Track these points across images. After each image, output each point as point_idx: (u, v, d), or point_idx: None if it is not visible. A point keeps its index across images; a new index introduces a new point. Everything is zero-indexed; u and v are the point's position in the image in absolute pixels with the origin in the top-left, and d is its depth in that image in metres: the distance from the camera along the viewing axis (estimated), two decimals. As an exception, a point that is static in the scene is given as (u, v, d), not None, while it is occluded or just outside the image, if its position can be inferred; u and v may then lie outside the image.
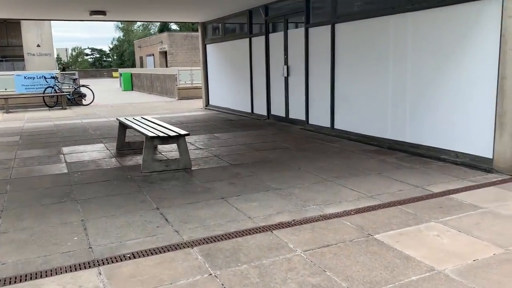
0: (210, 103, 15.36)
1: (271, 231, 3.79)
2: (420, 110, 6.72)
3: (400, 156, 6.64)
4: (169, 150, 7.43)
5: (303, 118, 9.80)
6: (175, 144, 6.24)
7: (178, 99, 19.87)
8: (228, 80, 13.76)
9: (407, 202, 4.51)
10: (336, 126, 8.71)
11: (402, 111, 7.05)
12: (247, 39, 12.07)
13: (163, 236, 3.76)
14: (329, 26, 8.60)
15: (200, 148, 7.71)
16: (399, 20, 6.94)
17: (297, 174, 5.74)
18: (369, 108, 7.78)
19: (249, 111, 12.40)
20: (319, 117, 9.21)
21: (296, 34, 9.86)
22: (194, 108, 15.65)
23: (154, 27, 63.32)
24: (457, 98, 6.08)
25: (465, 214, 4.10)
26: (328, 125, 8.89)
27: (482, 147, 5.74)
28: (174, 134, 6.02)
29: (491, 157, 5.59)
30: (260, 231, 3.80)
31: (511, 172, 5.35)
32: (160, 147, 7.61)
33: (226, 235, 3.73)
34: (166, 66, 36.09)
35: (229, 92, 13.73)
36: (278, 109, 10.98)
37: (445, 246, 3.42)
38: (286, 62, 10.34)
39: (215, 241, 3.61)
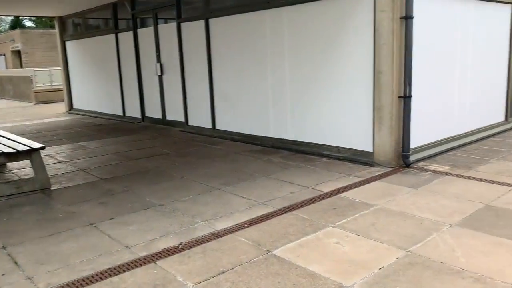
0: (74, 107, 13.75)
1: (155, 262, 3.15)
2: (300, 107, 6.61)
3: (284, 154, 6.45)
4: (22, 167, 6.18)
5: (182, 119, 9.16)
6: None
7: (35, 104, 17.55)
8: (94, 80, 12.41)
9: (300, 206, 4.23)
10: (218, 127, 8.27)
11: (283, 108, 6.88)
12: (113, 35, 10.96)
13: (10, 287, 2.87)
14: (203, 21, 8.11)
15: (62, 162, 6.59)
16: (275, 15, 6.74)
17: (181, 184, 5.13)
18: (250, 106, 7.49)
19: (121, 114, 11.32)
20: (200, 118, 8.68)
21: (168, 30, 9.16)
22: (55, 113, 13.85)
23: (5, 24, 56.10)
24: (336, 93, 6.06)
25: (359, 214, 3.95)
26: (210, 125, 8.40)
27: (362, 141, 5.79)
28: (25, 148, 4.93)
29: (372, 151, 5.67)
30: (141, 264, 3.13)
31: (391, 165, 5.47)
32: (10, 164, 6.30)
33: (97, 275, 2.99)
34: (21, 67, 32.02)
35: (96, 93, 12.41)
36: (153, 111, 10.15)
37: (348, 255, 3.16)
38: (159, 60, 9.57)
39: (82, 286, 2.84)
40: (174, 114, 9.43)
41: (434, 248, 3.21)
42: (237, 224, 3.82)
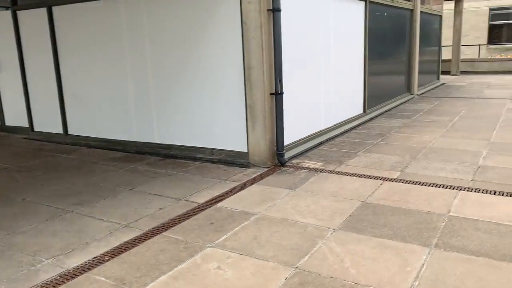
0: None
1: (-25, 333, 2.30)
2: (167, 106, 5.99)
3: (152, 160, 5.78)
4: None
5: (26, 124, 7.77)
6: None
7: None
8: None
9: (173, 224, 3.66)
10: (70, 132, 7.16)
11: (148, 109, 6.18)
12: None
13: None
14: (45, 9, 6.90)
15: None
16: (131, 4, 5.96)
17: (21, 209, 4.13)
18: (108, 108, 6.59)
19: None
20: (48, 122, 7.43)
21: (1, 19, 7.65)
22: None
23: None
24: (207, 90, 5.59)
25: (240, 227, 3.54)
26: (61, 131, 7.24)
27: (237, 141, 5.43)
28: None
29: (246, 151, 5.35)
30: None
31: (267, 165, 5.22)
32: None
33: None
34: None
35: None
36: (-12, 116, 8.48)
37: (231, 283, 2.72)
38: (-9, 55, 7.98)
39: None
40: (16, 119, 7.97)
41: (322, 260, 2.94)
42: (95, 257, 3.09)
